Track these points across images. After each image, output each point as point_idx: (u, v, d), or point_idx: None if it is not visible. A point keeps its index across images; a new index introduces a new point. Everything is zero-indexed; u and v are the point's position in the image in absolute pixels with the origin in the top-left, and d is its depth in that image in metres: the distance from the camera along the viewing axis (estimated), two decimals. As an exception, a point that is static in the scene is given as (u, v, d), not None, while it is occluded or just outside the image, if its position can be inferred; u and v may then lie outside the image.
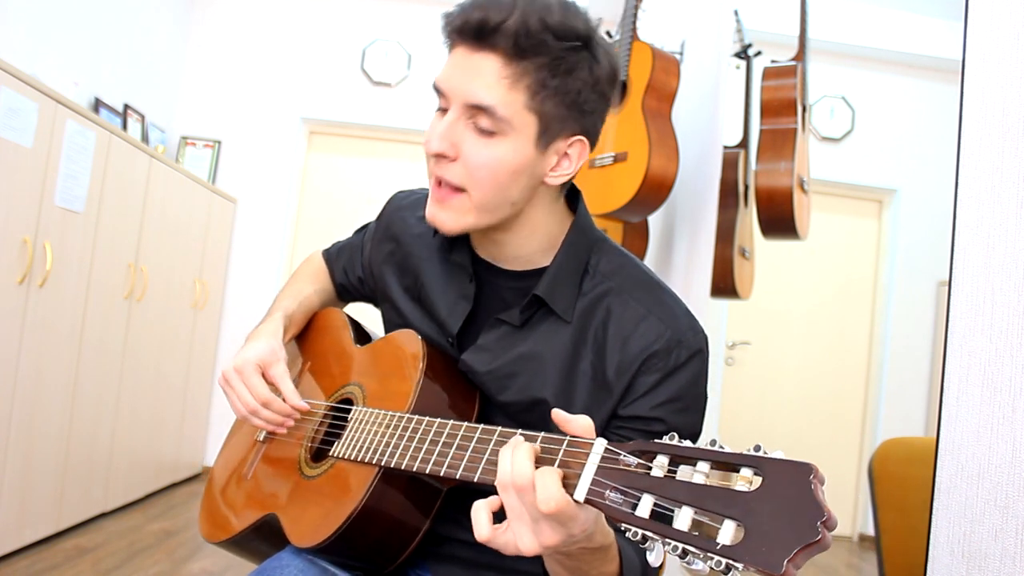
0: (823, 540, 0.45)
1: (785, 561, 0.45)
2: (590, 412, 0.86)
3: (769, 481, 0.48)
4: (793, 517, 0.46)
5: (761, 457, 0.50)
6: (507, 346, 0.89)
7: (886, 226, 2.12)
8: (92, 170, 2.68)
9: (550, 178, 0.85)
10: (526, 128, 0.80)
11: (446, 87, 0.81)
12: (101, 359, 2.90)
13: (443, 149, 0.80)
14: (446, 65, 0.83)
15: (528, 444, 0.63)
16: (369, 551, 0.84)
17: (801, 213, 1.91)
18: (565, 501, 0.58)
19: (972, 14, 0.89)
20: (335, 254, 1.21)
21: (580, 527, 0.60)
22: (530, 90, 0.78)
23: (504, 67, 0.77)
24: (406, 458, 0.77)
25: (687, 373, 0.85)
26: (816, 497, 0.46)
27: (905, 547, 1.15)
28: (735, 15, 2.20)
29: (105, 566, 2.49)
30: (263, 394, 0.93)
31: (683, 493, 0.52)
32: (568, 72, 0.79)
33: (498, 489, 0.63)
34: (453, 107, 0.80)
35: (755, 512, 0.47)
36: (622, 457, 0.57)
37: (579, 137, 0.85)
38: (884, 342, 2.06)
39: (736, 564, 0.47)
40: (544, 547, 0.61)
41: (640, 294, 0.88)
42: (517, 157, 0.80)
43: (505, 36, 0.76)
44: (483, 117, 0.79)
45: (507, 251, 0.91)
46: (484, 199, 0.82)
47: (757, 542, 0.46)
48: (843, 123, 2.22)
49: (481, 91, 0.78)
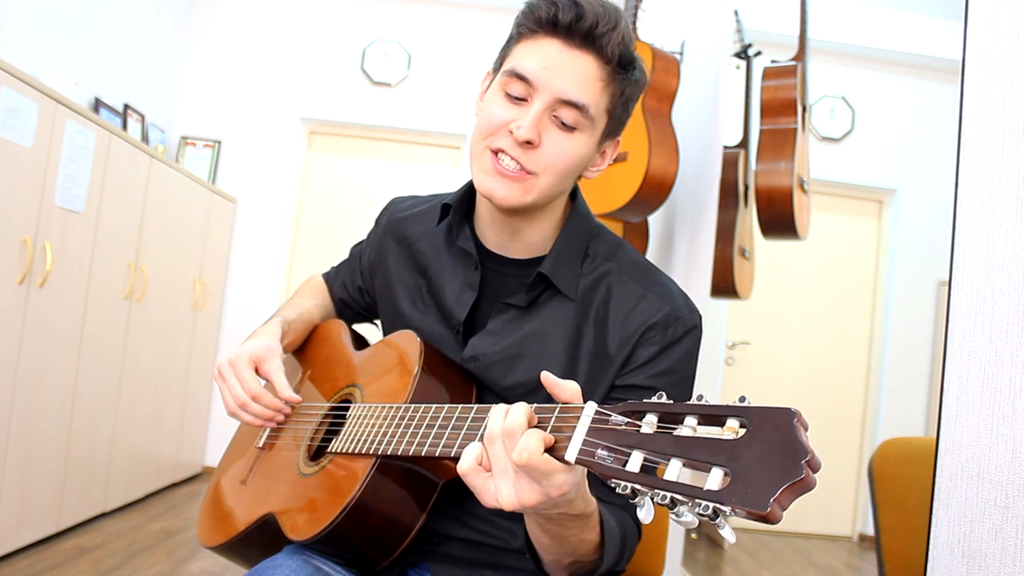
0: (807, 478, 0.45)
1: (771, 500, 0.45)
2: (592, 386, 0.88)
3: (754, 428, 0.49)
4: (777, 459, 0.46)
5: (746, 407, 0.50)
6: (514, 328, 0.91)
7: (886, 226, 2.12)
8: (92, 170, 2.68)
9: (588, 172, 0.93)
10: (598, 128, 0.87)
11: (539, 79, 0.83)
12: (101, 359, 2.90)
13: (532, 137, 0.83)
14: (531, 52, 0.84)
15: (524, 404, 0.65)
16: (365, 544, 0.85)
17: (801, 213, 1.91)
18: (540, 455, 0.60)
19: (972, 14, 0.89)
20: (334, 273, 1.23)
21: (557, 488, 0.62)
22: (613, 96, 0.86)
23: (600, 69, 0.83)
24: (402, 444, 0.78)
25: (683, 347, 0.89)
26: (799, 438, 0.47)
27: (905, 547, 1.15)
28: (735, 15, 2.20)
29: (105, 566, 2.49)
30: (253, 387, 0.94)
31: (671, 446, 0.53)
32: (636, 84, 0.89)
33: (486, 442, 0.65)
34: (541, 98, 0.83)
35: (741, 458, 0.48)
36: (612, 418, 0.58)
37: (617, 139, 0.94)
38: (884, 342, 2.06)
39: (723, 507, 0.47)
40: (522, 503, 0.62)
41: (638, 274, 0.92)
42: (586, 151, 0.87)
43: (613, 44, 0.83)
44: (570, 112, 0.83)
45: (519, 239, 0.94)
46: (551, 184, 0.86)
47: (743, 485, 0.47)
48: (843, 123, 2.22)
49: (577, 90, 0.83)
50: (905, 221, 2.05)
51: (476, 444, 0.67)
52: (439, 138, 4.31)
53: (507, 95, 0.85)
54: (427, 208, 1.06)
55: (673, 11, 2.91)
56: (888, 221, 2.12)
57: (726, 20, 2.24)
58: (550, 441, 0.62)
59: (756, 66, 2.15)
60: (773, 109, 1.97)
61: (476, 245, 0.97)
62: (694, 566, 2.31)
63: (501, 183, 0.85)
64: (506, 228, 0.94)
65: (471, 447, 0.67)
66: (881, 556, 1.19)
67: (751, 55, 2.17)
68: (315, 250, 4.32)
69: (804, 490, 0.46)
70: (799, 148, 1.91)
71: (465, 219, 0.98)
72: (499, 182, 0.85)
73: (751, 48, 2.18)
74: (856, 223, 2.22)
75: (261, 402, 0.95)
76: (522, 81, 0.84)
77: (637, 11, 2.24)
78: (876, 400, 2.06)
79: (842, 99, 2.22)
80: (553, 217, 0.94)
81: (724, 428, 0.51)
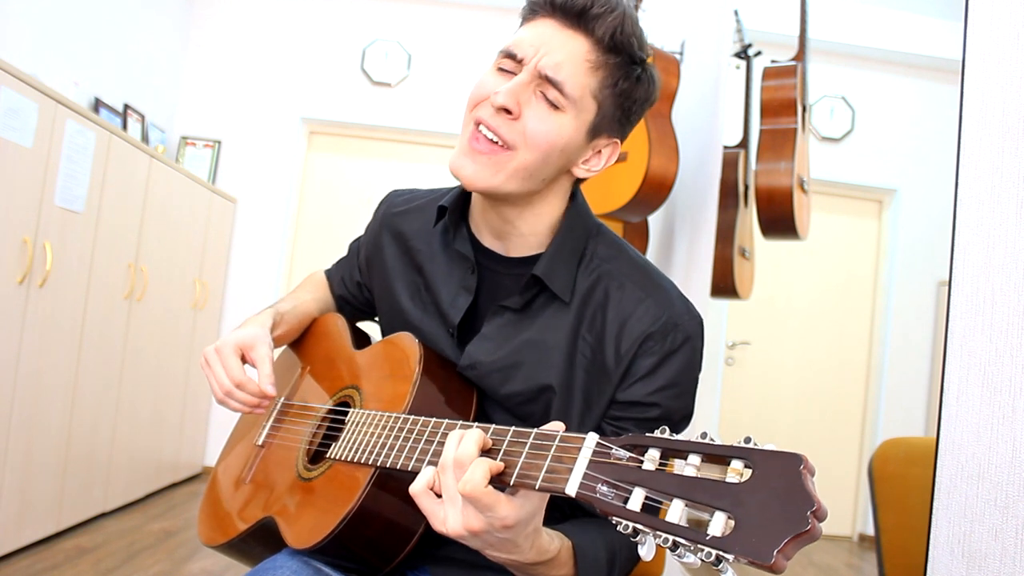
0: (812, 530, 0.45)
1: (775, 551, 0.44)
2: (589, 397, 0.87)
3: (759, 472, 0.48)
4: (783, 508, 0.46)
5: (751, 449, 0.50)
6: (510, 334, 0.90)
7: (886, 226, 2.12)
8: (92, 170, 2.68)
9: (579, 169, 0.90)
10: (585, 113, 0.85)
11: (524, 51, 0.83)
12: (101, 359, 2.90)
13: (509, 104, 0.81)
14: (526, 31, 0.85)
15: (478, 431, 0.66)
16: (366, 552, 0.84)
17: (801, 213, 1.91)
18: (483, 487, 0.61)
19: (972, 14, 0.89)
20: (334, 269, 1.22)
21: (500, 520, 0.63)
22: (602, 82, 0.84)
23: (590, 52, 0.82)
24: (401, 458, 0.78)
25: (682, 357, 0.86)
26: (806, 487, 0.46)
27: (905, 547, 1.15)
28: (735, 15, 2.20)
29: (105, 566, 2.49)
30: (237, 375, 0.93)
31: (674, 486, 0.52)
32: (635, 81, 0.86)
33: (439, 470, 0.66)
34: (526, 71, 0.83)
35: (745, 503, 0.47)
36: (613, 451, 0.57)
37: (616, 140, 0.90)
38: (884, 342, 2.06)
39: (726, 555, 0.46)
40: (468, 530, 0.64)
41: (637, 278, 0.90)
42: (569, 135, 0.84)
43: (604, 26, 0.81)
44: (552, 90, 0.82)
45: (513, 233, 0.92)
46: (528, 163, 0.84)
47: (747, 533, 0.46)
48: (843, 123, 2.22)
49: (559, 66, 0.81)
50: (905, 221, 2.05)
51: (430, 468, 0.68)
52: (439, 138, 4.31)
53: (498, 70, 0.86)
54: (424, 204, 1.04)
55: (673, 11, 2.91)
56: (888, 221, 2.12)
57: (726, 20, 2.24)
58: (498, 469, 0.63)
59: (756, 66, 2.15)
60: (773, 109, 1.97)
61: (473, 243, 0.95)
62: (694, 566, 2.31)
63: (471, 161, 0.84)
64: (497, 218, 0.91)
65: (425, 471, 0.68)
66: (881, 556, 1.19)
67: (751, 55, 2.17)
68: (315, 250, 4.32)
69: (809, 541, 0.45)
70: (799, 148, 1.91)
71: (462, 219, 0.97)
72: (468, 160, 0.84)
73: (751, 48, 2.18)
74: (856, 223, 2.22)
75: (245, 389, 0.93)
76: (511, 58, 0.84)
77: (637, 11, 2.24)
78: (876, 400, 2.06)
79: (842, 99, 2.22)
80: (548, 212, 0.91)
81: (729, 469, 0.50)
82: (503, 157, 0.83)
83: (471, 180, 0.84)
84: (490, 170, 0.84)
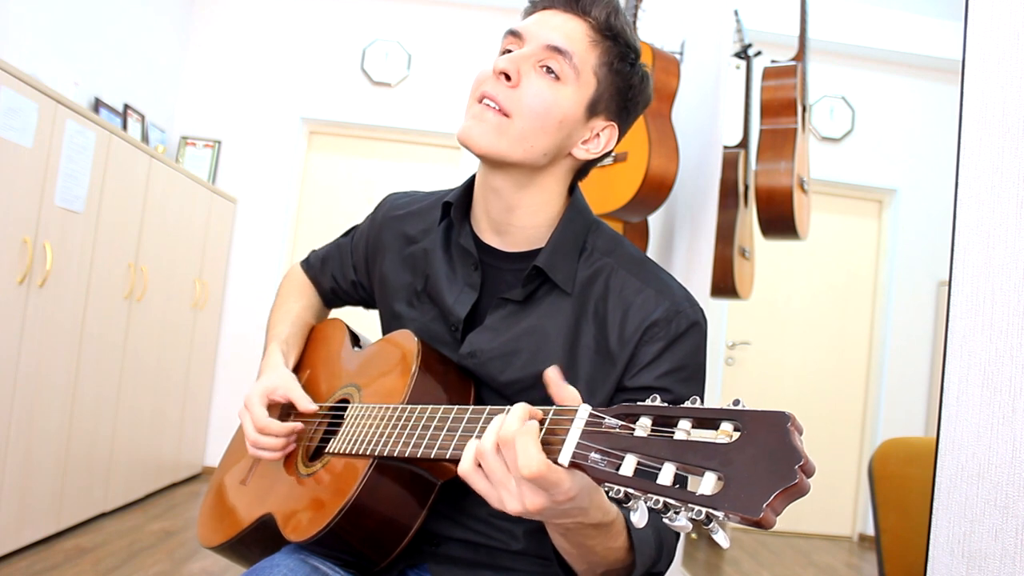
0: (800, 484, 0.45)
1: (764, 505, 0.45)
2: (594, 385, 0.87)
3: (747, 432, 0.48)
4: (771, 463, 0.46)
5: (739, 410, 0.50)
6: (511, 323, 0.91)
7: (886, 226, 2.12)
8: (92, 170, 2.68)
9: (578, 150, 0.91)
10: (585, 87, 0.88)
11: (529, 31, 0.88)
12: (101, 359, 2.90)
13: (509, 69, 0.85)
14: (529, 19, 0.90)
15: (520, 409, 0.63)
16: (363, 545, 0.85)
17: (801, 213, 1.91)
18: (545, 465, 0.59)
19: (972, 14, 0.89)
20: (319, 264, 1.21)
21: (564, 494, 0.61)
22: (600, 58, 0.88)
23: (589, 31, 0.88)
24: (399, 445, 0.78)
25: (688, 342, 0.87)
26: (793, 442, 0.46)
27: (905, 547, 1.15)
28: (735, 15, 2.21)
29: (105, 566, 2.49)
30: (261, 422, 0.94)
31: (664, 450, 0.52)
32: (631, 66, 0.90)
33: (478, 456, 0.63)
34: (529, 45, 0.87)
35: (734, 462, 0.48)
36: (606, 420, 0.58)
37: (614, 124, 0.92)
38: (884, 342, 2.06)
39: (716, 512, 0.46)
40: (527, 510, 0.61)
41: (637, 270, 0.91)
42: (568, 108, 0.87)
43: (599, 8, 0.87)
44: (557, 59, 0.86)
45: (513, 226, 0.93)
46: (525, 130, 0.86)
47: (736, 490, 0.46)
48: (843, 123, 2.22)
49: (564, 38, 0.86)
50: (905, 221, 2.05)
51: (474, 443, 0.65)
52: (439, 138, 4.31)
53: (504, 51, 0.89)
54: (426, 206, 1.05)
55: (673, 11, 2.91)
56: (888, 221, 2.12)
57: (726, 20, 2.24)
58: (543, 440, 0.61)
59: (756, 66, 2.15)
60: (773, 109, 1.97)
61: (474, 241, 0.96)
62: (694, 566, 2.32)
63: (476, 124, 0.86)
64: (499, 203, 0.92)
65: (469, 447, 0.65)
66: (881, 556, 1.20)
67: (751, 55, 2.17)
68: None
69: (798, 495, 0.45)
70: (799, 148, 1.92)
71: (465, 217, 0.98)
72: (474, 123, 0.86)
73: (751, 48, 2.18)
74: (856, 223, 2.22)
75: (268, 433, 0.95)
76: (515, 37, 0.88)
77: (637, 11, 2.24)
78: (876, 400, 2.06)
79: (842, 99, 2.22)
80: (548, 201, 0.92)
81: (718, 431, 0.50)
82: (503, 123, 0.86)
83: (478, 142, 0.86)
84: (494, 135, 0.86)
